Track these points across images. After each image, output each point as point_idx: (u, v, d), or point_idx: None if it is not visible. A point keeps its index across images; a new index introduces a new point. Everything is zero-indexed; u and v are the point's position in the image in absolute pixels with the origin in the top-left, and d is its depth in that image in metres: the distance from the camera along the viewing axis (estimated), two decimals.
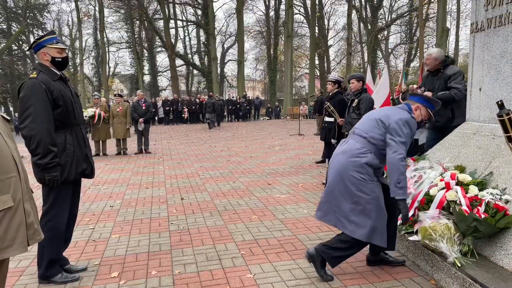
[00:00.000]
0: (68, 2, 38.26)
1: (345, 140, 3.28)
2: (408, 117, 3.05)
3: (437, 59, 5.02)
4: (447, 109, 4.99)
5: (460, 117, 4.99)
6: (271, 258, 3.59)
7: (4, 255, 1.88)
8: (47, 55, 3.09)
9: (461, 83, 4.90)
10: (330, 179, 3.12)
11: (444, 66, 5.02)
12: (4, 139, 1.95)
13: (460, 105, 4.99)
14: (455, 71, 4.95)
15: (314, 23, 32.93)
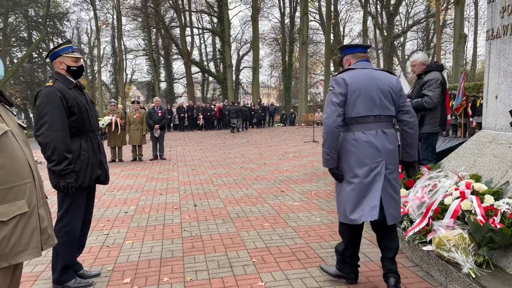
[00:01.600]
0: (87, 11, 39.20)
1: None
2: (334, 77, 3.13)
3: (423, 63, 5.07)
4: (418, 115, 5.04)
5: (430, 124, 5.01)
6: (283, 266, 3.58)
7: (18, 260, 1.91)
8: (62, 64, 3.16)
9: (434, 91, 4.87)
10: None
11: (425, 71, 5.03)
12: (21, 146, 2.00)
13: (431, 112, 4.99)
14: (431, 78, 4.92)
15: (330, 30, 32.91)
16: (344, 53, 3.14)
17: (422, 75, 5.09)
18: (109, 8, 37.98)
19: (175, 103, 31.93)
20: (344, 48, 3.17)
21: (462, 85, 11.34)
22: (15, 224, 1.90)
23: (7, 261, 1.87)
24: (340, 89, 2.90)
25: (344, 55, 3.14)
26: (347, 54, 3.12)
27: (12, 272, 1.99)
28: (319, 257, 3.75)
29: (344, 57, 3.15)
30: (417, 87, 5.12)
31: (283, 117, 31.89)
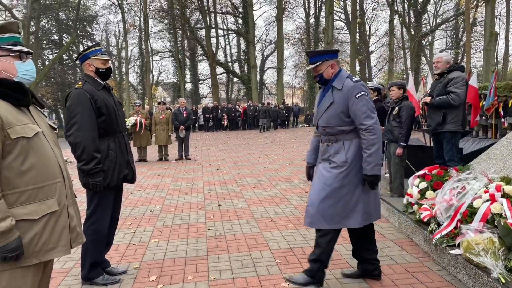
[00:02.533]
0: (115, 13, 40.07)
1: None
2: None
3: (448, 62, 5.07)
4: (440, 113, 4.97)
5: (453, 123, 4.93)
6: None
7: (48, 257, 1.98)
8: (91, 66, 3.25)
9: (461, 88, 4.88)
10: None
11: (449, 70, 5.02)
12: (51, 146, 2.07)
13: (454, 111, 4.92)
14: (457, 76, 4.93)
15: (355, 30, 32.50)
16: (329, 57, 3.04)
17: (444, 74, 5.08)
18: (136, 10, 38.73)
19: (200, 103, 32.26)
20: (330, 52, 3.09)
21: (494, 84, 11.00)
22: (45, 222, 1.96)
23: (38, 258, 1.94)
24: (370, 95, 2.98)
25: (328, 59, 3.03)
26: (333, 59, 3.06)
27: (43, 268, 2.06)
28: (343, 259, 3.72)
29: (326, 61, 3.02)
30: (440, 85, 5.07)
31: (307, 118, 31.68)
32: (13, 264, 1.87)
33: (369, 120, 2.87)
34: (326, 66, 3.03)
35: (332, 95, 3.00)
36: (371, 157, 2.86)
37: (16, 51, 2.00)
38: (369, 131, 2.86)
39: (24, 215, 1.90)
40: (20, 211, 1.89)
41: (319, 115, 3.10)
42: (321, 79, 3.07)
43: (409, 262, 3.61)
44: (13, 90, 1.96)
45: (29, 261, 1.91)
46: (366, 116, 2.88)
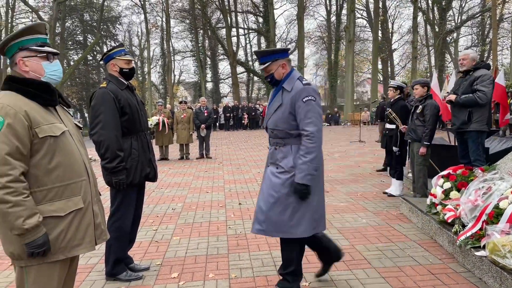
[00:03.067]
0: (138, 14, 40.72)
1: None
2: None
3: (474, 59, 4.95)
4: (465, 112, 4.85)
5: (478, 122, 4.80)
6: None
7: (74, 253, 2.03)
8: (115, 66, 3.32)
9: (488, 87, 4.76)
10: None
11: (475, 68, 4.89)
12: (77, 145, 2.13)
13: (480, 109, 4.80)
14: (484, 74, 4.80)
15: (377, 27, 32.07)
16: (279, 56, 2.90)
17: (470, 72, 4.96)
18: (158, 11, 39.21)
19: (221, 103, 32.42)
20: (279, 51, 2.96)
21: None
22: (71, 219, 2.01)
23: (64, 254, 1.99)
24: (319, 100, 2.83)
25: (277, 59, 2.89)
26: (284, 58, 2.92)
27: (69, 264, 2.12)
28: (365, 259, 3.69)
29: (276, 60, 2.89)
30: (466, 83, 4.96)
31: (327, 117, 31.46)
32: (40, 260, 1.93)
33: (311, 127, 2.72)
34: (277, 66, 2.89)
35: (282, 97, 2.86)
36: (305, 165, 2.71)
37: (44, 52, 2.05)
38: (309, 138, 2.71)
39: (51, 212, 1.95)
40: (47, 208, 1.95)
41: (268, 116, 2.97)
42: (272, 79, 2.93)
43: (433, 263, 3.55)
44: (41, 90, 2.02)
45: (56, 256, 1.97)
46: (310, 122, 2.73)
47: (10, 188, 1.81)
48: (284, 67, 2.90)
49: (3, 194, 1.81)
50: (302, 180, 2.73)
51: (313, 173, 2.75)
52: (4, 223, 1.89)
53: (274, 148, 2.95)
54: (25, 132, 1.89)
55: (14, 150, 1.85)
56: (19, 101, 1.93)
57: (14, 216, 1.82)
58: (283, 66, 2.90)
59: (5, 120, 1.85)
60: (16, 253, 1.92)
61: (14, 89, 1.98)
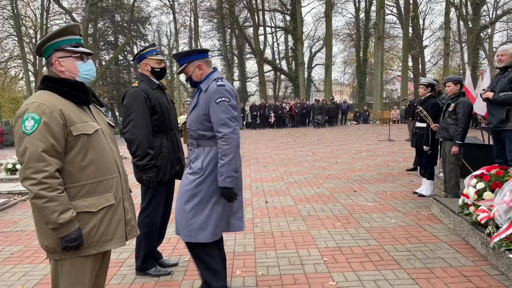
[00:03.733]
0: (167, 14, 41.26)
1: None
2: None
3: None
4: (503, 110, 4.64)
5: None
6: (355, 267, 3.51)
7: (105, 248, 2.10)
8: (147, 66, 3.39)
9: None
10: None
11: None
12: (109, 143, 2.19)
13: None
14: None
15: (408, 23, 31.34)
16: (195, 57, 2.88)
17: (508, 68, 4.78)
18: (187, 10, 39.63)
19: (248, 101, 32.52)
20: (196, 52, 2.92)
21: None
22: (103, 215, 2.07)
23: (96, 249, 2.06)
24: (234, 102, 2.76)
25: (193, 60, 2.87)
26: (201, 59, 2.89)
27: (101, 258, 2.19)
28: (393, 260, 3.63)
29: (192, 62, 2.87)
30: (504, 80, 4.78)
31: (356, 115, 31.02)
32: (74, 253, 2.00)
33: (225, 128, 2.66)
34: (193, 67, 2.86)
35: (198, 97, 2.82)
36: (223, 167, 2.65)
37: (78, 52, 2.12)
38: (224, 140, 2.65)
39: (84, 207, 2.02)
40: (80, 204, 2.01)
41: (188, 116, 2.96)
42: (191, 81, 2.92)
43: (465, 265, 3.45)
44: (76, 90, 2.08)
45: (88, 251, 2.03)
46: (223, 124, 2.66)
47: (46, 184, 1.89)
48: (200, 68, 2.87)
49: (39, 189, 1.88)
50: (223, 184, 2.67)
51: (232, 174, 2.67)
52: (40, 218, 1.96)
53: (189, 149, 2.95)
54: (60, 130, 1.96)
55: (49, 148, 1.92)
56: (55, 100, 2.00)
57: (49, 210, 1.89)
58: (200, 67, 2.87)
59: (41, 119, 1.92)
60: (51, 247, 1.99)
61: (50, 88, 2.05)
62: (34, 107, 1.94)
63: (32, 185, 1.88)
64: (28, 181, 1.89)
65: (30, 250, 4.30)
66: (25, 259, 4.03)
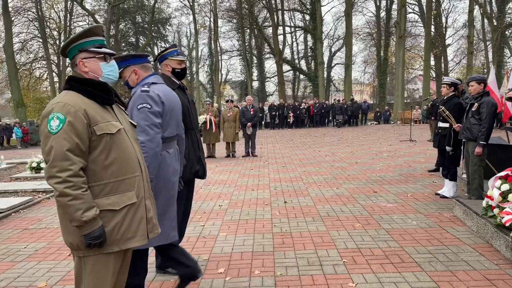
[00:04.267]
0: (187, 15, 41.63)
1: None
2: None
3: None
4: None
5: None
6: (375, 268, 3.47)
7: (127, 245, 2.12)
8: (168, 66, 3.42)
9: None
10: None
11: None
12: (131, 142, 2.22)
13: None
14: None
15: (430, 22, 30.78)
16: (131, 62, 2.89)
17: None
18: (206, 11, 39.94)
19: (267, 101, 32.53)
20: (133, 57, 2.92)
21: None
22: (125, 213, 2.10)
23: (118, 246, 2.09)
24: (158, 108, 2.73)
25: (129, 65, 2.88)
26: (137, 64, 2.89)
27: (123, 256, 2.22)
28: (415, 262, 3.57)
29: (128, 66, 2.88)
30: None
31: (376, 115, 30.63)
32: (97, 251, 2.04)
33: (142, 136, 2.62)
34: (129, 72, 2.89)
35: (129, 103, 2.82)
36: None
37: (101, 53, 2.16)
38: (142, 147, 2.57)
39: (107, 205, 2.05)
40: (103, 202, 2.05)
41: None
42: (128, 86, 2.92)
43: (489, 268, 3.37)
44: (99, 90, 2.13)
45: (111, 248, 2.07)
46: (141, 131, 2.63)
47: (70, 182, 1.93)
48: (136, 73, 2.89)
49: (64, 187, 1.92)
50: None
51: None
52: (64, 215, 2.01)
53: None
54: (84, 130, 2.00)
55: (74, 147, 1.96)
56: (79, 100, 2.05)
57: (74, 208, 1.93)
58: (135, 72, 2.89)
59: (66, 118, 1.97)
60: (75, 244, 2.04)
61: (75, 88, 2.09)
62: (59, 107, 1.99)
63: (57, 183, 1.93)
64: (54, 179, 1.94)
65: (53, 247, 4.41)
66: (49, 256, 4.13)
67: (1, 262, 4.00)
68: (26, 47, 35.86)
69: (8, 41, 28.85)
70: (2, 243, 4.60)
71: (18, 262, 3.97)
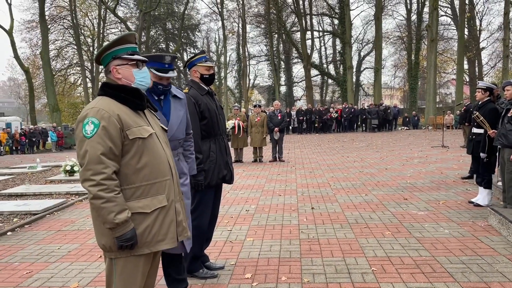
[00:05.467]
0: (216, 21, 42.16)
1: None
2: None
3: None
4: None
5: None
6: (405, 278, 3.39)
7: (158, 248, 2.17)
8: (197, 72, 3.48)
9: None
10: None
11: None
12: (163, 146, 2.27)
13: None
14: None
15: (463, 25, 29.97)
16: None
17: None
18: (235, 17, 40.35)
19: (294, 106, 32.45)
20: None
21: None
22: (156, 216, 2.15)
23: (149, 248, 2.13)
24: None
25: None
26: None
27: (152, 259, 2.26)
28: (446, 272, 3.46)
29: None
30: None
31: (404, 120, 29.94)
32: (128, 252, 2.08)
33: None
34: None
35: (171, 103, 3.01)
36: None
37: (134, 60, 2.21)
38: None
39: (138, 208, 2.10)
40: (135, 205, 2.09)
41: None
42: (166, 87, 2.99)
43: None
44: (132, 95, 2.18)
45: (141, 250, 2.11)
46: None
47: (104, 185, 1.98)
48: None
49: (98, 190, 1.98)
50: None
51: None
52: (98, 217, 2.07)
53: (177, 159, 3.04)
54: (118, 134, 2.06)
55: (107, 151, 2.02)
56: (113, 106, 2.11)
57: (107, 211, 1.98)
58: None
59: (100, 123, 2.03)
60: (108, 246, 2.09)
61: (109, 94, 2.16)
62: (94, 112, 2.06)
63: (91, 186, 1.99)
64: (88, 182, 2.00)
65: (86, 248, 4.53)
66: (81, 257, 4.24)
67: (36, 262, 4.15)
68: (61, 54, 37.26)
69: (45, 48, 30.02)
70: (37, 244, 4.77)
71: (52, 263, 4.10)
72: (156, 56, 2.87)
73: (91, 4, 38.00)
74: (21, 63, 31.69)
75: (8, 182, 9.27)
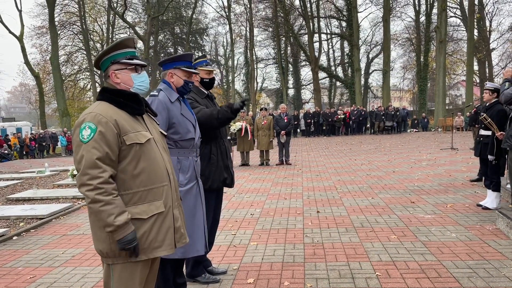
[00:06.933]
0: (224, 25, 42.25)
1: None
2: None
3: None
4: None
5: None
6: (410, 283, 3.33)
7: (155, 254, 2.14)
8: (197, 76, 3.47)
9: None
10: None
11: None
12: (161, 152, 2.25)
13: None
14: None
15: (473, 26, 29.67)
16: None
17: None
18: (242, 21, 40.38)
19: (302, 109, 32.36)
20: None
21: None
22: (153, 222, 2.12)
23: (146, 255, 2.11)
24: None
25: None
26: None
27: (150, 265, 2.24)
28: (453, 277, 3.40)
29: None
30: None
31: (413, 122, 29.66)
32: (125, 258, 2.07)
33: None
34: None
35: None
36: None
37: (133, 65, 2.21)
38: None
39: (135, 214, 2.08)
40: (132, 211, 2.07)
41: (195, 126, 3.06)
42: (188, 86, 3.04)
43: None
44: (130, 100, 2.17)
45: (138, 257, 2.09)
46: None
47: (101, 189, 1.97)
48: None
49: (95, 194, 1.96)
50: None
51: None
52: (97, 222, 2.05)
53: (197, 160, 3.08)
54: (115, 140, 2.05)
55: (104, 156, 2.01)
56: (110, 111, 2.10)
57: (106, 214, 1.96)
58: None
59: (97, 128, 2.02)
60: (105, 251, 2.07)
61: (107, 99, 2.15)
62: (91, 117, 2.05)
63: (88, 191, 1.97)
64: (85, 187, 1.99)
65: (89, 253, 4.54)
66: (85, 262, 4.25)
67: (40, 267, 4.16)
68: (71, 59, 37.62)
69: (54, 53, 30.38)
70: (42, 248, 4.79)
71: (56, 268, 4.11)
72: (186, 55, 3.01)
73: (100, 10, 38.37)
74: (32, 68, 32.09)
75: (17, 186, 9.36)
